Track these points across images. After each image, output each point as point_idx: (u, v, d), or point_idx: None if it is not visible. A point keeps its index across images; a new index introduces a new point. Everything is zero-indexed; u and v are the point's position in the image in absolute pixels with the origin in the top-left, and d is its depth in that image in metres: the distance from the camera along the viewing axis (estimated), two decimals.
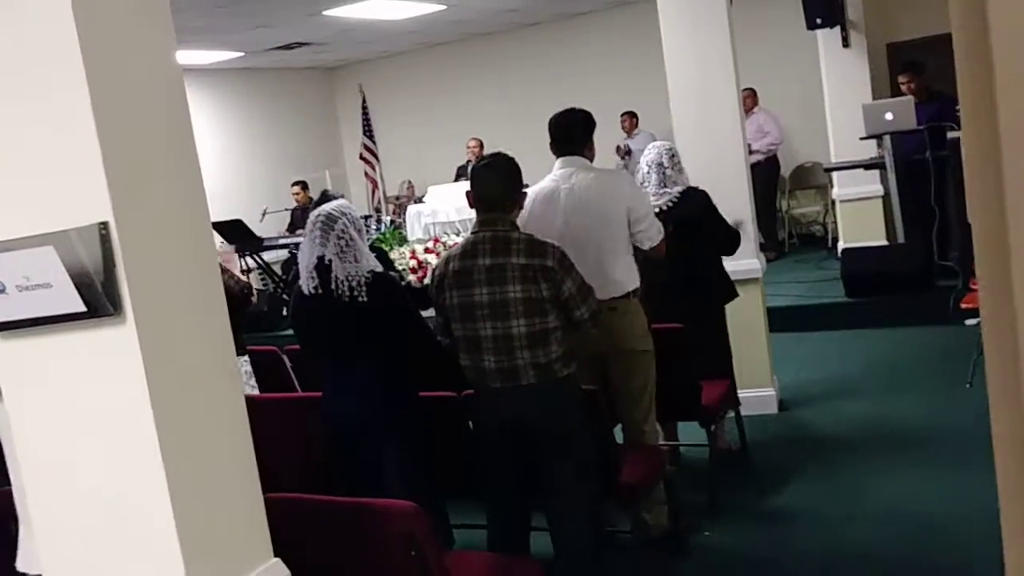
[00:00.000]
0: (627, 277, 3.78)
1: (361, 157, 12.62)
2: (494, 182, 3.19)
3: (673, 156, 4.49)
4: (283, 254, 10.04)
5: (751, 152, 8.58)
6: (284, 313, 8.53)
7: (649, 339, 3.81)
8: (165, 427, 1.84)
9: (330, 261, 3.26)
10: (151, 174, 1.88)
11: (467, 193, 3.27)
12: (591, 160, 3.88)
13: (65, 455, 1.90)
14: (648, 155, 4.51)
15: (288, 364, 4.59)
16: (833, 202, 9.06)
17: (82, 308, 1.80)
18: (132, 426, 1.83)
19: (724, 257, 4.68)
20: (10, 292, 1.83)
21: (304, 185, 10.62)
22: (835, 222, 9.30)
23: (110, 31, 1.80)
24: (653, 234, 3.82)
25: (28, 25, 1.76)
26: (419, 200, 10.19)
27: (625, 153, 9.90)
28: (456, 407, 3.44)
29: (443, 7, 9.06)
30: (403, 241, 8.79)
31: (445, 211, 9.03)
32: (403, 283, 4.69)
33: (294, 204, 10.56)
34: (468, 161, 10.60)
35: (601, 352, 3.72)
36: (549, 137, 3.86)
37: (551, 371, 3.11)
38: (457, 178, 10.32)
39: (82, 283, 1.79)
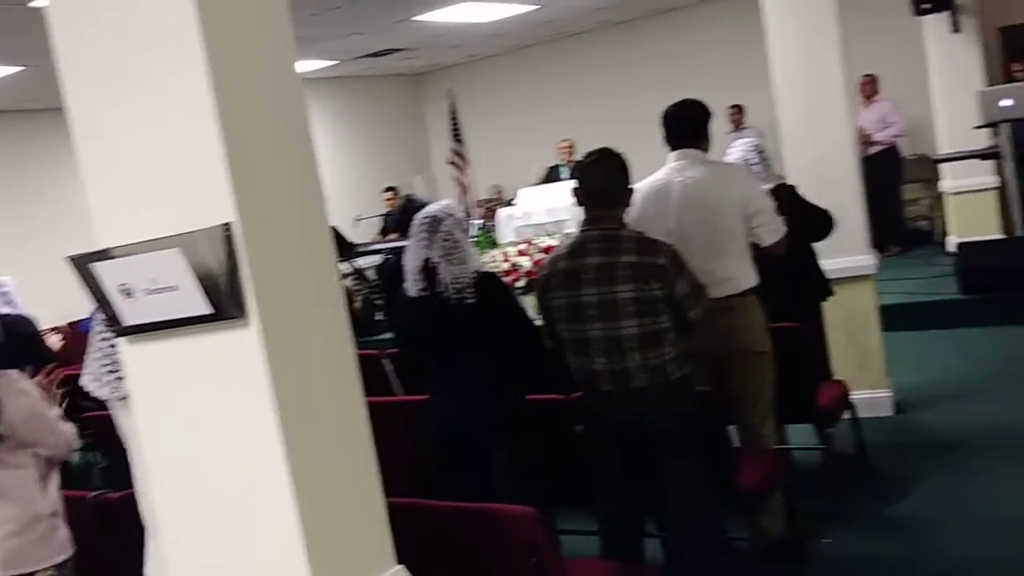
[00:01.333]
0: (743, 274, 3.65)
1: (450, 162, 12.65)
2: (602, 178, 3.10)
3: (761, 153, 4.33)
4: (376, 259, 10.12)
5: (872, 143, 8.31)
6: (377, 317, 8.59)
7: (767, 339, 3.67)
8: (290, 430, 1.81)
9: (436, 263, 3.22)
10: (273, 176, 1.86)
11: (574, 190, 3.19)
12: (707, 152, 3.77)
13: (190, 459, 1.89)
14: (733, 154, 4.37)
15: (389, 368, 4.59)
16: (941, 195, 8.69)
17: (209, 310, 1.78)
18: (257, 429, 1.81)
19: (825, 253, 4.47)
20: (137, 296, 1.82)
21: (395, 191, 10.72)
22: (943, 216, 8.93)
23: (235, 36, 1.79)
24: (772, 229, 3.67)
25: (155, 26, 1.76)
26: (509, 203, 10.16)
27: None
28: (565, 410, 3.37)
29: (535, 7, 9.03)
30: (494, 244, 8.76)
31: (536, 213, 8.95)
32: None
33: (386, 209, 10.66)
34: (560, 163, 10.53)
35: (716, 352, 3.59)
36: (664, 130, 3.74)
37: (664, 373, 3.01)
38: (548, 179, 10.24)
39: (208, 285, 1.77)
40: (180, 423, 1.89)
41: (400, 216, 10.52)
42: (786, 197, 4.23)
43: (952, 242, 8.07)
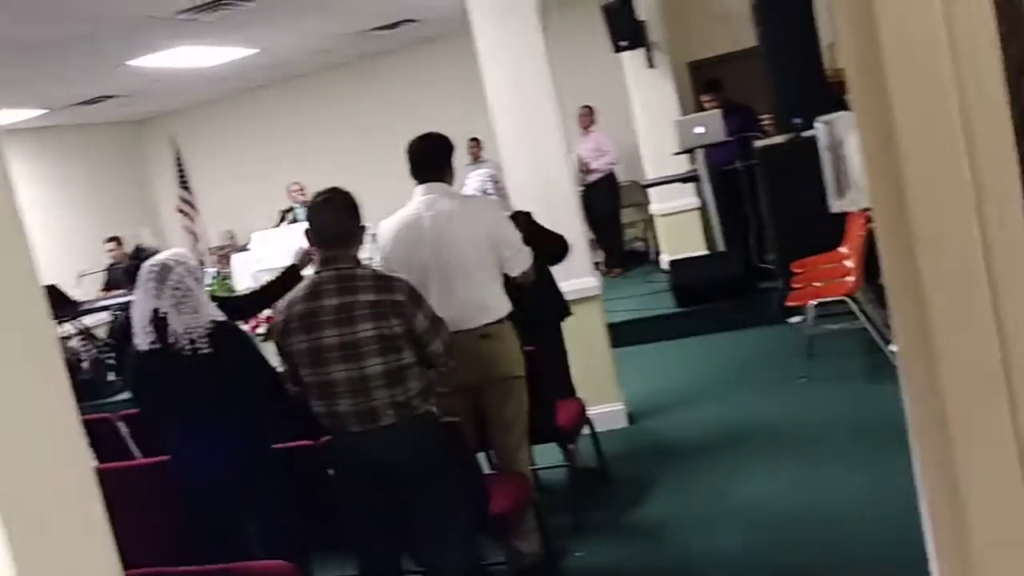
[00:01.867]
0: (499, 302, 3.75)
1: (179, 210, 12.08)
2: (334, 218, 3.09)
3: (497, 182, 4.52)
4: (105, 316, 9.44)
5: (591, 171, 8.83)
6: (109, 378, 8.04)
7: (523, 364, 3.79)
8: (9, 509, 1.65)
9: (165, 313, 3.07)
10: None
11: (306, 232, 3.16)
12: (451, 184, 3.84)
13: None
14: (471, 184, 4.53)
15: (125, 430, 4.29)
16: (652, 217, 9.40)
17: None
18: None
19: (559, 272, 4.71)
20: None
21: (118, 240, 10.07)
22: (655, 236, 9.66)
23: None
24: (521, 260, 3.80)
25: None
26: (243, 248, 9.85)
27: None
28: (315, 455, 3.31)
29: (254, 51, 8.85)
30: (231, 291, 8.46)
31: (271, 256, 8.75)
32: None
33: (109, 262, 9.98)
34: (292, 206, 10.37)
35: (474, 382, 3.67)
36: (409, 164, 3.76)
37: (410, 408, 3.04)
38: (280, 223, 10.06)
39: None
40: None
41: (128, 268, 9.90)
42: (523, 223, 4.42)
43: (665, 260, 8.74)
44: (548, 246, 4.48)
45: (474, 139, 10.10)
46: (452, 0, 7.87)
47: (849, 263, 5.96)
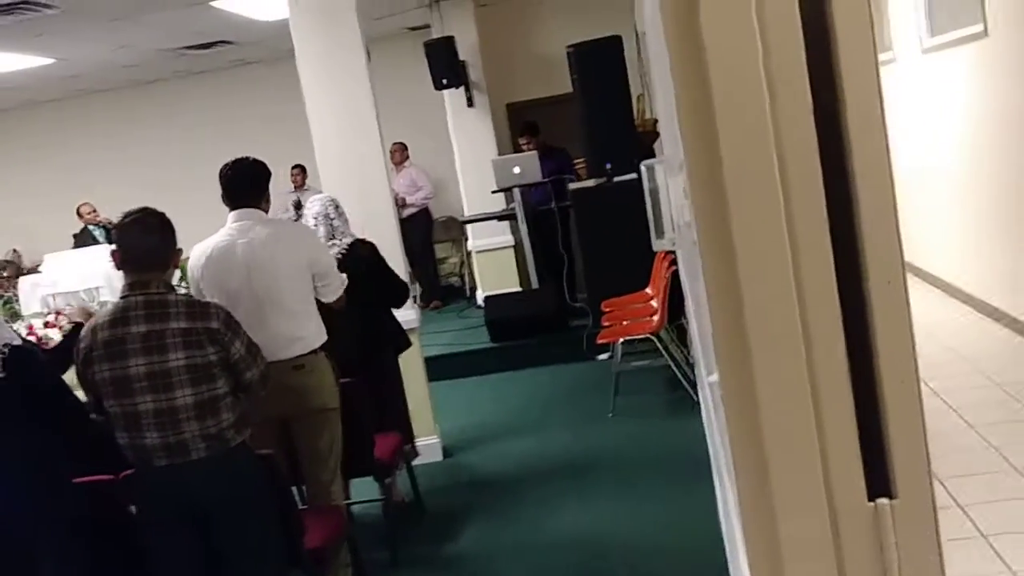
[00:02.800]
0: (314, 333, 3.66)
1: None
2: (145, 239, 2.92)
3: (338, 207, 4.47)
4: None
5: (406, 205, 8.82)
6: None
7: (337, 396, 3.71)
8: None
9: None
10: None
11: (112, 252, 2.98)
12: (267, 212, 3.73)
13: None
14: (313, 207, 4.45)
15: None
16: (469, 253, 9.51)
17: None
18: None
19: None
20: None
21: None
22: (471, 273, 9.78)
23: None
24: (336, 286, 3.74)
25: None
26: (33, 270, 9.16)
27: (296, 206, 9.53)
28: (116, 491, 3.09)
29: (50, 61, 8.30)
30: (16, 316, 7.83)
31: (66, 280, 8.18)
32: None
33: None
34: (85, 227, 9.74)
35: (286, 414, 3.56)
36: (222, 189, 3.64)
37: (223, 440, 2.91)
38: (79, 243, 9.42)
39: None
40: None
41: None
42: (368, 254, 4.37)
43: (480, 296, 8.85)
44: (390, 287, 4.49)
45: (298, 166, 9.90)
46: (272, 26, 7.79)
47: (654, 303, 6.24)
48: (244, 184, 3.65)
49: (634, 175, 7.03)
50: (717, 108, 1.41)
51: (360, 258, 4.34)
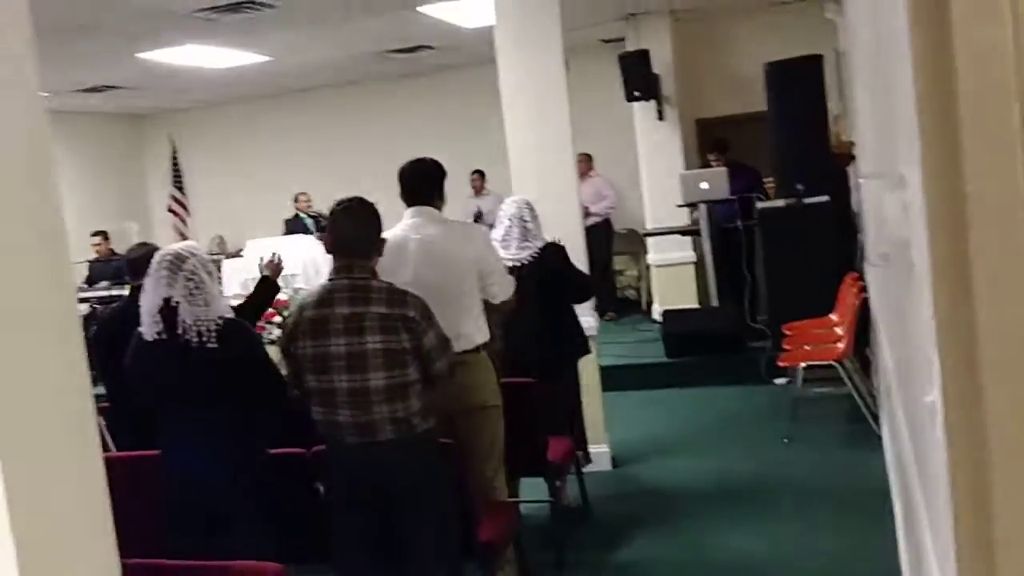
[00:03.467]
0: (476, 330, 3.74)
1: (169, 209, 12.03)
2: (353, 227, 3.08)
3: (532, 210, 4.55)
4: (83, 308, 9.32)
5: (588, 215, 8.88)
6: None
7: (498, 394, 3.77)
8: (14, 483, 1.61)
9: (177, 303, 3.04)
10: (8, 204, 1.68)
11: (323, 238, 3.15)
12: (441, 210, 3.86)
13: None
14: (508, 209, 4.54)
15: (101, 423, 4.22)
16: (648, 267, 9.46)
17: None
18: None
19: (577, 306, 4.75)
20: None
21: (105, 235, 9.98)
22: (648, 286, 9.71)
23: None
24: (504, 288, 3.81)
25: None
26: (236, 255, 9.79)
27: (477, 217, 9.76)
28: (306, 464, 3.26)
29: (267, 58, 8.86)
30: None
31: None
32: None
33: (93, 255, 9.88)
34: (297, 215, 10.33)
35: (448, 408, 3.64)
36: (400, 186, 3.80)
37: (410, 425, 3.01)
38: (290, 231, 9.95)
39: None
40: None
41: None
42: (558, 255, 4.45)
43: (657, 310, 8.78)
44: (576, 283, 4.54)
45: (478, 171, 10.13)
46: (475, 31, 8.03)
47: (840, 329, 6.01)
48: (421, 182, 3.78)
49: (825, 197, 6.82)
50: (963, 116, 1.35)
51: (550, 259, 4.40)
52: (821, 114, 7.30)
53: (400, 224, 3.77)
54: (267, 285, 4.23)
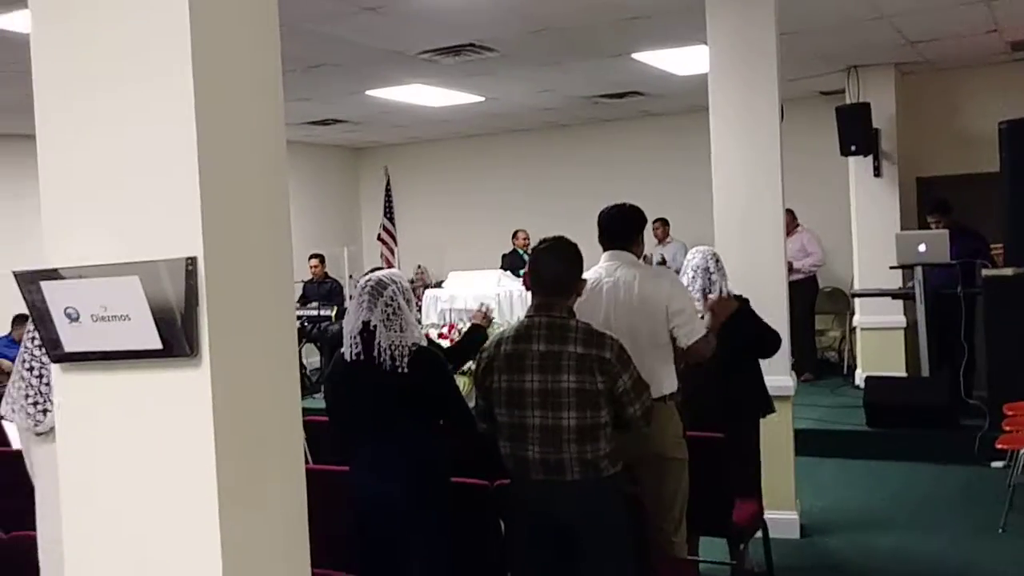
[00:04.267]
0: (664, 378, 3.65)
1: (379, 238, 12.62)
2: (555, 266, 3.10)
3: (718, 261, 4.43)
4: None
5: (792, 271, 8.58)
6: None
7: (684, 446, 3.65)
8: (227, 483, 1.71)
9: (375, 327, 3.16)
10: (245, 217, 1.80)
11: (525, 274, 3.20)
12: (638, 256, 3.82)
13: (114, 501, 1.76)
14: (693, 259, 4.45)
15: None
16: (853, 329, 8.99)
17: (159, 345, 1.69)
18: (192, 478, 1.70)
19: (763, 361, 4.56)
20: (83, 321, 1.72)
21: (322, 259, 10.58)
22: (851, 349, 9.23)
23: (223, 63, 1.74)
24: (692, 330, 3.69)
25: (145, 48, 1.70)
26: (437, 285, 10.12)
27: (660, 263, 9.71)
28: (488, 496, 3.28)
29: (482, 99, 9.17)
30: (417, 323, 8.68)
31: (462, 298, 8.93)
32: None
33: (309, 276, 10.49)
34: (514, 250, 10.58)
35: (630, 454, 3.56)
36: (600, 229, 3.79)
37: (597, 468, 2.97)
38: (506, 266, 10.14)
39: (163, 319, 1.68)
40: (110, 463, 1.76)
41: (332, 286, 10.42)
42: (743, 308, 4.32)
43: (860, 375, 8.31)
44: (762, 337, 4.38)
45: (661, 219, 10.05)
46: (686, 79, 7.98)
47: None
48: (621, 226, 3.76)
49: None
50: None
51: (736, 312, 4.24)
52: None
53: (595, 267, 3.76)
54: (475, 332, 4.29)
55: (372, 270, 3.63)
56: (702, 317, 3.92)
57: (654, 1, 5.75)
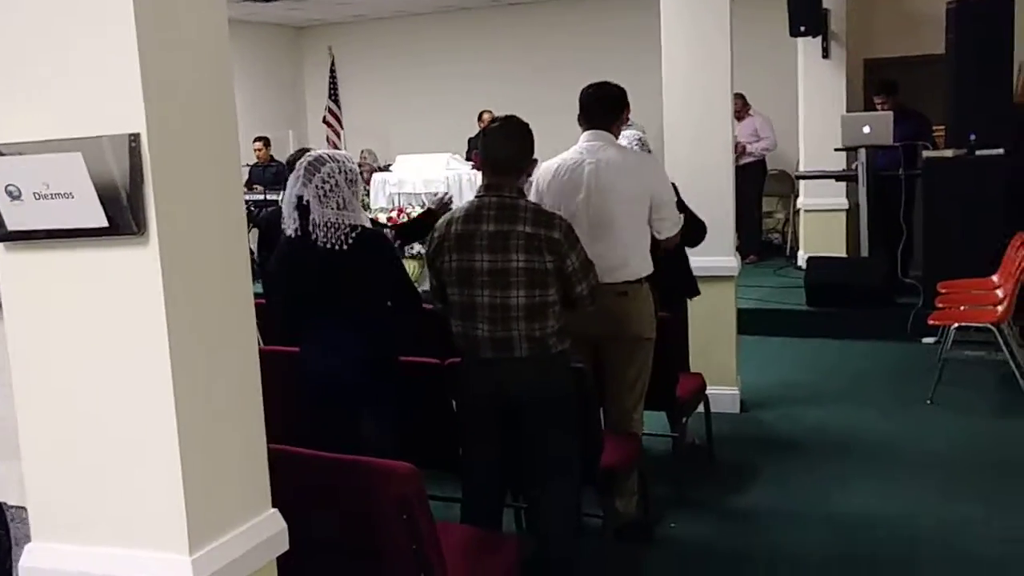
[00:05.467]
0: (641, 262, 3.70)
1: (324, 120, 12.37)
2: (506, 145, 3.08)
3: (644, 145, 4.42)
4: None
5: (744, 154, 8.61)
6: None
7: (654, 327, 3.74)
8: (180, 360, 1.72)
9: (308, 202, 3.13)
10: (189, 92, 1.76)
11: (474, 153, 3.18)
12: (616, 137, 3.80)
13: (66, 380, 1.77)
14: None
15: None
16: (797, 211, 9.14)
17: (104, 223, 1.67)
18: (144, 355, 1.71)
19: (692, 251, 4.61)
20: (26, 199, 1.69)
21: (266, 141, 10.37)
22: (795, 231, 9.40)
23: None
24: (673, 223, 3.75)
25: None
26: (385, 168, 10.01)
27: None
28: (438, 374, 3.35)
29: None
30: (364, 208, 8.62)
31: (411, 182, 8.87)
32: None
33: (254, 160, 10.29)
34: (479, 131, 10.41)
35: (601, 335, 3.63)
36: (581, 108, 3.73)
37: (545, 345, 3.04)
38: (470, 148, 9.98)
39: (107, 197, 1.66)
40: (58, 342, 1.76)
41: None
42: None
43: (802, 257, 8.50)
44: (689, 226, 4.42)
45: None
46: None
47: (1001, 292, 5.68)
48: (604, 106, 3.72)
49: (1000, 150, 6.38)
50: None
51: None
52: (1006, 60, 6.78)
53: (575, 147, 3.72)
54: (429, 217, 4.26)
55: (300, 150, 3.57)
56: None
57: None
